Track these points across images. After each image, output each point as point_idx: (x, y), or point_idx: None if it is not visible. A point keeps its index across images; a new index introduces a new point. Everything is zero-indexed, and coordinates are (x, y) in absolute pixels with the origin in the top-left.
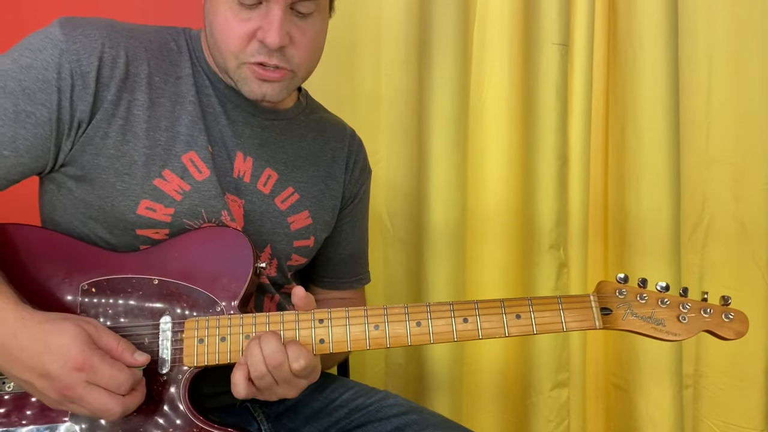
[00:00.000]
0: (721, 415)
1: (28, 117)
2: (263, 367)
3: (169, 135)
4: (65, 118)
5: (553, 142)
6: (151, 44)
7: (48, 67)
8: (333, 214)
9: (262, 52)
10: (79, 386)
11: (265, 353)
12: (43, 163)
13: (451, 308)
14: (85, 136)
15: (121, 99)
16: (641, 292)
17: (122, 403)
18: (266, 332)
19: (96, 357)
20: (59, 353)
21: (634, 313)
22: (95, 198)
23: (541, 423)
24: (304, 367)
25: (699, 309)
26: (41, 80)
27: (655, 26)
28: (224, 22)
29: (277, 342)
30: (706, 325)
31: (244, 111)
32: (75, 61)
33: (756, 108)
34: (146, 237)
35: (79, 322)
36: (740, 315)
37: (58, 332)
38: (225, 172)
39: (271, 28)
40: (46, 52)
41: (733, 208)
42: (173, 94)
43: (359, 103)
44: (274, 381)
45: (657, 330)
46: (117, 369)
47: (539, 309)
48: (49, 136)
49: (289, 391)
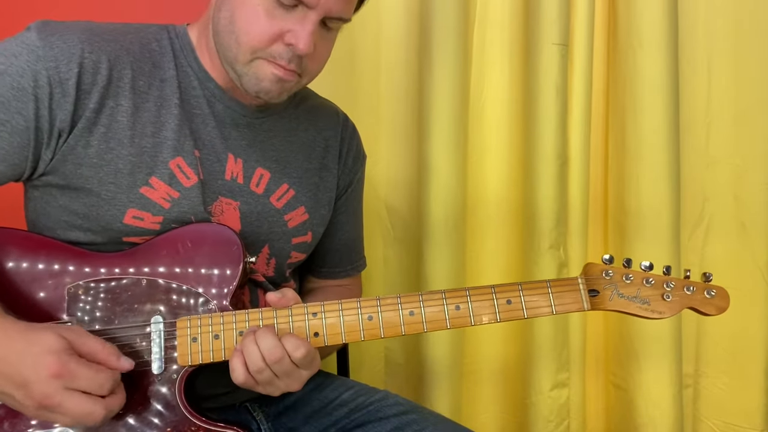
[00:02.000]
0: (721, 415)
1: (2, 125)
2: (261, 363)
3: (155, 141)
4: (44, 127)
5: (553, 142)
6: (133, 46)
7: (23, 74)
8: (329, 207)
9: (285, 55)
10: (57, 394)
11: (263, 349)
12: (20, 171)
13: (443, 296)
14: (66, 146)
15: (103, 106)
16: (627, 272)
17: (104, 404)
18: (261, 327)
19: (72, 362)
20: (35, 362)
21: (620, 294)
22: (80, 206)
23: (541, 423)
24: (305, 354)
25: (682, 287)
26: (16, 88)
27: (655, 26)
28: (253, 15)
29: (273, 337)
30: (690, 302)
31: (233, 111)
32: (53, 68)
33: (756, 108)
34: (133, 243)
35: (60, 330)
36: (721, 291)
37: (36, 341)
38: (216, 175)
39: (305, 35)
40: (21, 58)
41: (733, 208)
42: (158, 98)
43: (359, 103)
44: (274, 375)
45: (643, 309)
46: (95, 370)
47: (529, 293)
48: (27, 145)
49: (291, 383)
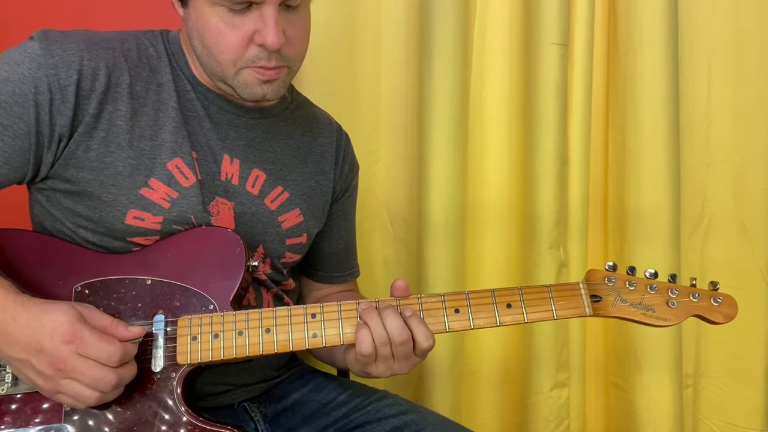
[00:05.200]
0: (721, 415)
1: (5, 130)
2: (386, 338)
3: (153, 143)
4: (45, 132)
5: (553, 142)
6: (130, 53)
7: (25, 81)
8: (324, 209)
9: (262, 55)
10: (70, 358)
11: (389, 329)
12: (22, 174)
13: (442, 299)
14: (67, 150)
15: (102, 111)
16: (630, 279)
17: (115, 371)
18: (386, 307)
19: (86, 330)
20: (51, 327)
21: (623, 300)
22: (83, 209)
23: (541, 423)
24: (431, 346)
25: (688, 294)
26: (18, 94)
27: (655, 26)
28: (217, 33)
29: (399, 318)
30: (696, 309)
31: (228, 113)
32: (53, 75)
33: (756, 108)
34: (137, 243)
35: (73, 304)
36: (729, 299)
37: (50, 311)
38: (212, 175)
39: (269, 30)
40: (23, 65)
41: (733, 208)
42: (156, 102)
43: (359, 103)
44: (391, 354)
45: (647, 316)
46: (105, 341)
47: (530, 298)
48: (29, 149)
49: (403, 367)
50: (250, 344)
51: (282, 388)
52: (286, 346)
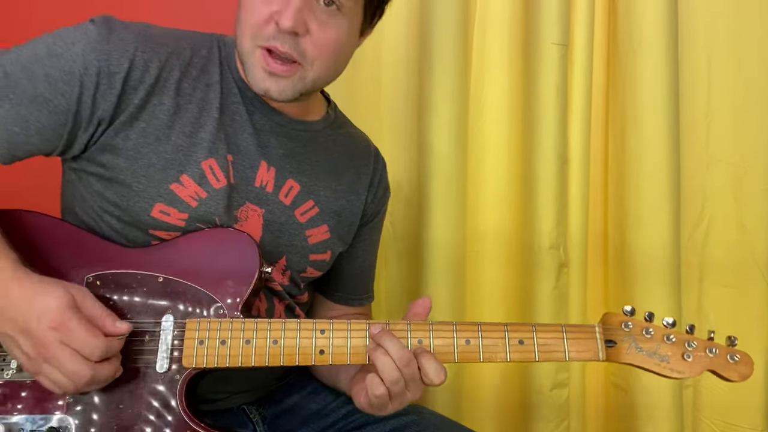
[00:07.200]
0: (721, 415)
1: (45, 103)
2: (396, 373)
3: (191, 141)
4: (84, 113)
5: (553, 142)
6: (184, 51)
7: (76, 59)
8: (351, 230)
9: (277, 37)
10: (52, 344)
11: (394, 356)
12: (51, 147)
13: (454, 328)
14: (105, 136)
15: (147, 103)
16: (647, 326)
17: (92, 368)
18: (382, 333)
19: (74, 319)
20: (40, 310)
21: (638, 348)
22: (112, 195)
23: (541, 423)
24: (442, 382)
25: (705, 348)
26: (66, 71)
27: (655, 26)
28: (251, 5)
29: (396, 340)
30: (711, 364)
31: (271, 120)
32: (104, 60)
33: (756, 108)
34: (158, 237)
35: (69, 287)
36: (745, 357)
37: (44, 292)
38: (247, 180)
39: (287, 10)
40: (78, 45)
41: (733, 208)
42: (201, 101)
43: (359, 103)
44: (404, 385)
45: (661, 366)
46: (91, 334)
47: (542, 336)
48: (64, 125)
49: (416, 391)
50: (257, 354)
51: (281, 390)
52: (292, 359)
